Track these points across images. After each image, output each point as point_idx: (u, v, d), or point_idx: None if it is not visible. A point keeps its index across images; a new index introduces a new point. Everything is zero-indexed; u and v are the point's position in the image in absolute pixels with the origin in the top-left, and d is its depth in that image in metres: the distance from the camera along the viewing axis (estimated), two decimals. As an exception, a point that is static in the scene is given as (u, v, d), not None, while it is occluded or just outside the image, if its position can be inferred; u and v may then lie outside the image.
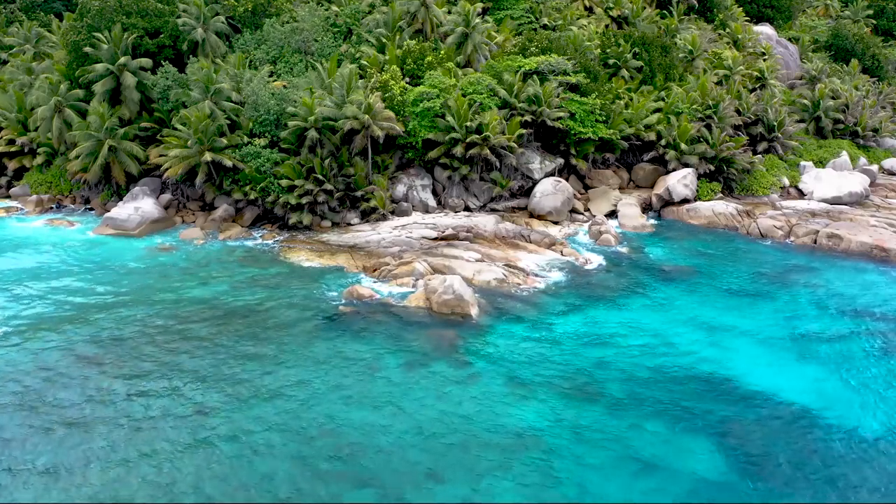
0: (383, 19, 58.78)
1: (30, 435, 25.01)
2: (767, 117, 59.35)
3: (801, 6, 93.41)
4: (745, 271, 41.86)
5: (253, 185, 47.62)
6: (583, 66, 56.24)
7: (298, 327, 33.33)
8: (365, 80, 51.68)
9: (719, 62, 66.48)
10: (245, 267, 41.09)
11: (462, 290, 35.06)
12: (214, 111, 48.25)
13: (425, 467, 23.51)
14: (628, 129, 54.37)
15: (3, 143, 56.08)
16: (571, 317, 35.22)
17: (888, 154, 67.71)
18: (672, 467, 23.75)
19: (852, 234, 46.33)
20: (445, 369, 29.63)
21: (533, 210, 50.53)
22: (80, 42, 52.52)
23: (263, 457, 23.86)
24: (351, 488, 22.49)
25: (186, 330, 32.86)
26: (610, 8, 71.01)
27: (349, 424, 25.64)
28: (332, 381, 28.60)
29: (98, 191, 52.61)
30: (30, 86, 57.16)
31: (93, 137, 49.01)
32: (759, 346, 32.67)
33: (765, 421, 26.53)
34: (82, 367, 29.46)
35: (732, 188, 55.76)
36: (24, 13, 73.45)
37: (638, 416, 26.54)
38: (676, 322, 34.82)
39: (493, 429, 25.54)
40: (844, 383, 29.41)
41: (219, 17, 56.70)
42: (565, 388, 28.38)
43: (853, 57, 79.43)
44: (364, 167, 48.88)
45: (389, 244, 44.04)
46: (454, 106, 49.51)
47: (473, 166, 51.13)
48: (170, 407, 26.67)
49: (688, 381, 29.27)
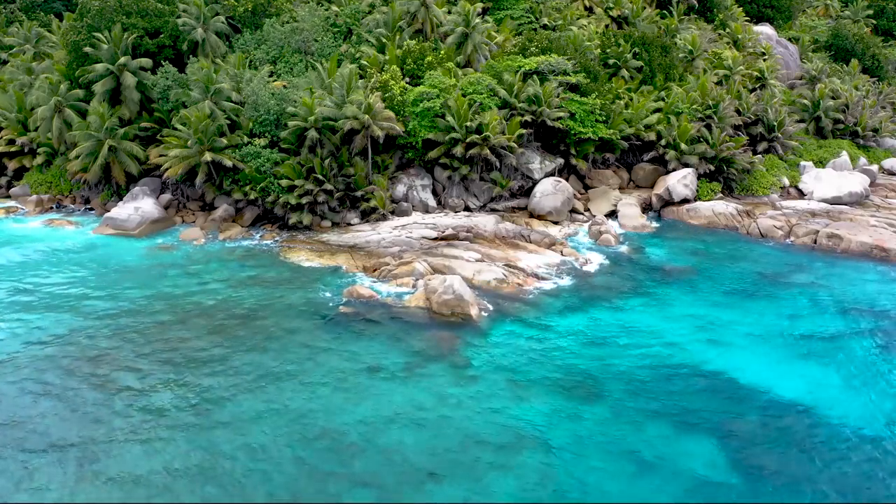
0: (383, 19, 58.79)
1: (30, 434, 25.04)
2: (767, 117, 59.34)
3: (801, 6, 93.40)
4: (745, 271, 41.86)
5: (253, 185, 47.63)
6: (583, 66, 56.24)
7: (298, 327, 33.34)
8: (365, 80, 51.68)
9: (719, 62, 66.49)
10: (245, 267, 41.11)
11: (462, 290, 35.06)
12: (214, 111, 48.26)
13: (425, 467, 23.51)
14: (628, 129, 54.36)
15: (3, 143, 56.09)
16: (571, 317, 35.23)
17: (888, 154, 67.70)
18: (672, 467, 23.76)
19: (852, 234, 46.33)
20: (445, 369, 29.65)
21: (533, 210, 50.53)
22: (80, 42, 52.54)
23: (263, 456, 23.87)
24: (350, 488, 22.50)
25: (186, 330, 32.88)
26: (610, 8, 71.01)
27: (349, 424, 25.65)
28: (331, 381, 28.62)
29: (98, 191, 52.63)
30: (30, 86, 57.17)
31: (93, 137, 49.02)
32: (760, 345, 32.68)
33: (765, 420, 26.54)
34: (81, 366, 29.48)
35: (732, 188, 55.74)
36: (24, 13, 73.45)
37: (638, 416, 26.56)
38: (676, 322, 34.84)
39: (493, 428, 25.55)
40: (845, 382, 29.43)
41: (219, 17, 56.72)
42: (565, 388, 28.40)
43: (853, 57, 79.45)
44: (364, 167, 48.88)
45: (389, 244, 44.04)
46: (454, 106, 49.51)
47: (473, 166, 51.13)
48: (169, 406, 26.69)
49: (688, 380, 29.30)
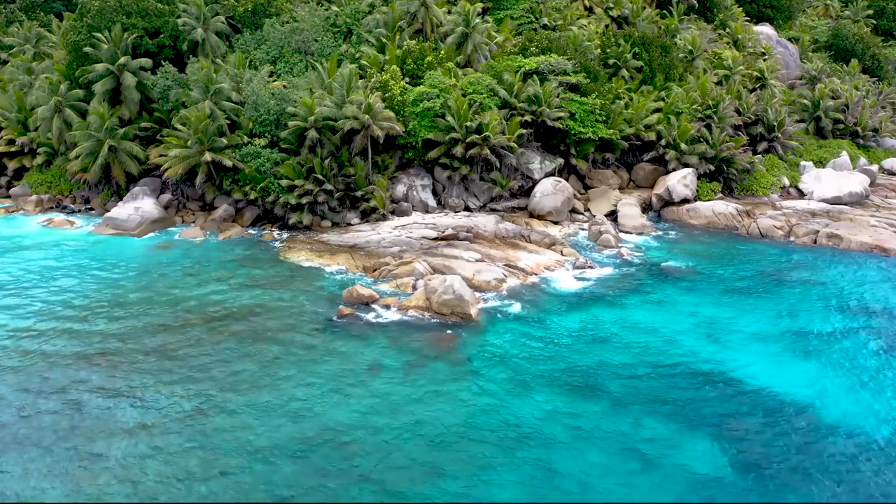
0: (383, 19, 58.81)
1: (29, 434, 25.02)
2: (767, 117, 59.34)
3: (801, 6, 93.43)
4: (744, 271, 41.87)
5: (253, 185, 47.65)
6: (583, 66, 56.25)
7: (298, 327, 33.33)
8: (365, 80, 51.69)
9: (719, 62, 66.51)
10: (245, 267, 41.10)
11: (462, 290, 35.06)
12: (214, 111, 48.27)
13: (425, 465, 23.50)
14: (628, 129, 54.38)
15: (3, 143, 56.13)
16: (571, 316, 35.23)
17: (888, 154, 67.73)
18: (672, 465, 23.74)
19: (852, 234, 46.35)
20: (445, 368, 29.64)
21: (533, 210, 50.53)
22: (80, 42, 52.59)
23: (263, 455, 23.86)
24: (350, 485, 22.49)
25: (185, 330, 32.87)
26: (610, 8, 71.03)
27: (348, 423, 25.63)
28: (331, 380, 28.60)
29: (98, 191, 52.65)
30: (30, 86, 57.23)
31: (93, 137, 49.04)
32: (760, 344, 32.67)
33: (766, 418, 26.52)
34: (80, 366, 29.44)
35: (732, 188, 55.75)
36: (24, 13, 73.47)
37: (638, 414, 26.53)
38: (676, 320, 34.83)
39: (493, 427, 25.53)
40: (845, 381, 29.40)
41: (219, 17, 56.75)
42: (565, 387, 28.40)
43: (853, 57, 79.50)
44: (364, 167, 48.88)
45: (389, 244, 44.03)
46: (454, 106, 49.51)
47: (473, 166, 51.14)
48: (168, 406, 26.67)
49: (687, 378, 29.29)
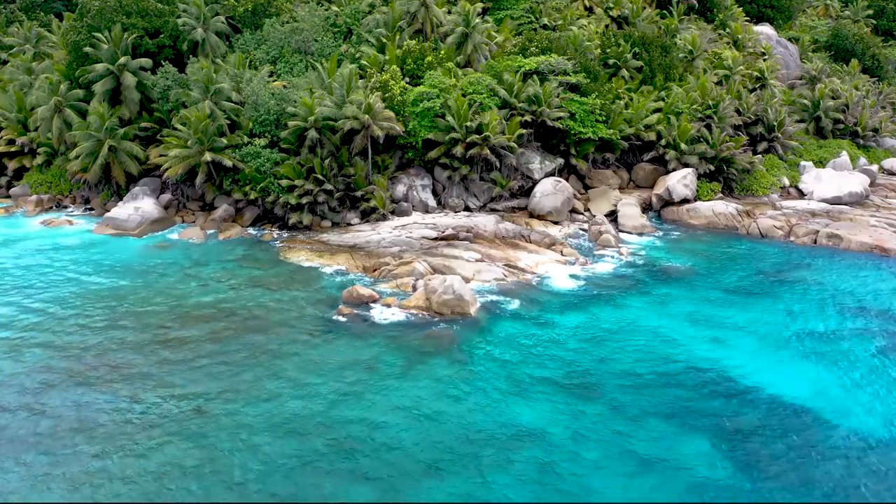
0: (383, 19, 58.80)
1: (29, 435, 25.03)
2: (767, 117, 59.34)
3: (801, 6, 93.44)
4: (744, 271, 41.87)
5: (253, 185, 47.65)
6: (583, 66, 56.25)
7: (298, 327, 33.34)
8: (365, 80, 51.69)
9: (719, 62, 66.51)
10: (245, 267, 41.11)
11: (462, 290, 35.07)
12: (214, 111, 48.27)
13: (425, 465, 23.50)
14: (628, 129, 54.37)
15: (3, 143, 56.17)
16: (571, 315, 35.23)
17: (888, 154, 67.73)
18: (672, 465, 23.74)
19: (852, 234, 46.36)
20: (445, 368, 29.64)
21: (533, 210, 50.53)
22: (80, 42, 52.60)
23: (263, 455, 23.86)
24: (350, 485, 22.48)
25: (185, 329, 32.88)
26: (610, 8, 71.03)
27: (348, 423, 25.63)
28: (331, 380, 28.60)
29: (98, 191, 52.65)
30: (30, 86, 57.25)
31: (93, 137, 49.05)
32: (759, 344, 32.67)
33: (765, 419, 26.51)
34: (79, 366, 29.45)
35: (732, 188, 55.75)
36: (24, 13, 73.51)
37: (638, 414, 26.53)
38: (676, 320, 34.84)
39: (492, 425, 25.54)
40: (845, 381, 29.39)
41: (219, 17, 56.76)
42: (565, 386, 28.39)
43: (853, 57, 79.49)
44: (364, 167, 48.88)
45: (389, 244, 44.03)
46: (454, 106, 49.51)
47: (473, 166, 51.14)
48: (167, 405, 26.67)
49: (687, 379, 29.28)
